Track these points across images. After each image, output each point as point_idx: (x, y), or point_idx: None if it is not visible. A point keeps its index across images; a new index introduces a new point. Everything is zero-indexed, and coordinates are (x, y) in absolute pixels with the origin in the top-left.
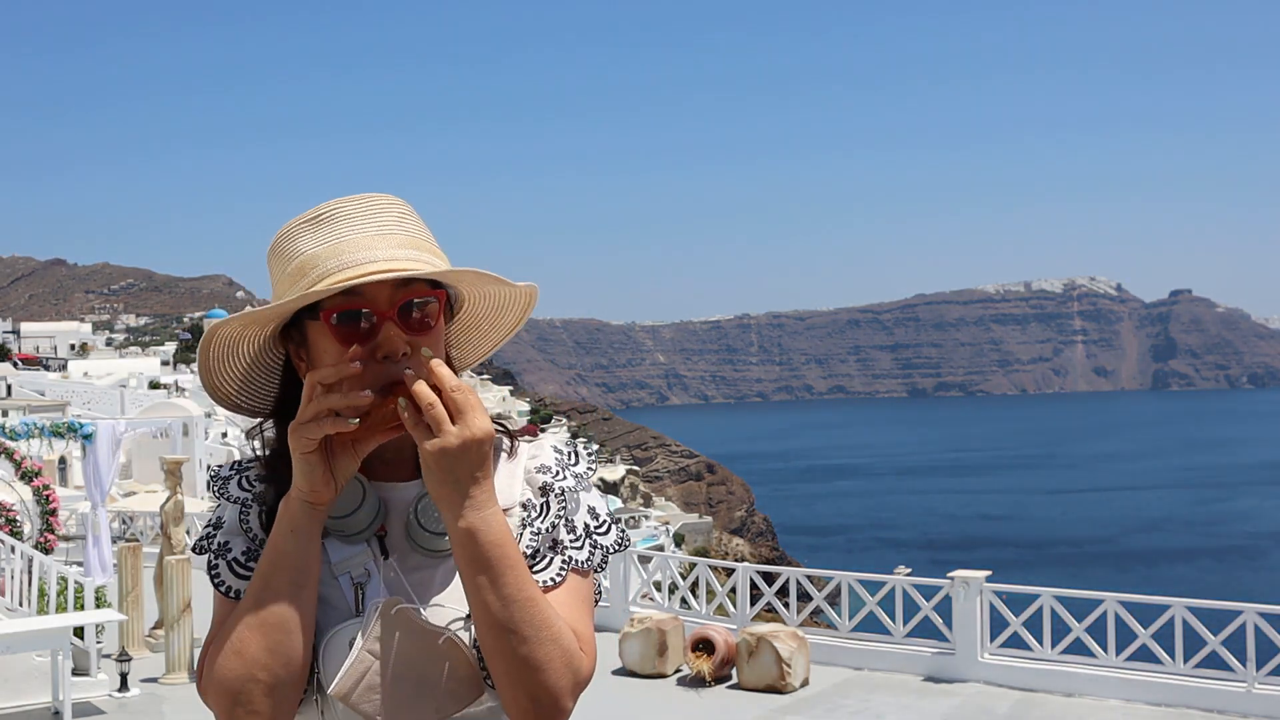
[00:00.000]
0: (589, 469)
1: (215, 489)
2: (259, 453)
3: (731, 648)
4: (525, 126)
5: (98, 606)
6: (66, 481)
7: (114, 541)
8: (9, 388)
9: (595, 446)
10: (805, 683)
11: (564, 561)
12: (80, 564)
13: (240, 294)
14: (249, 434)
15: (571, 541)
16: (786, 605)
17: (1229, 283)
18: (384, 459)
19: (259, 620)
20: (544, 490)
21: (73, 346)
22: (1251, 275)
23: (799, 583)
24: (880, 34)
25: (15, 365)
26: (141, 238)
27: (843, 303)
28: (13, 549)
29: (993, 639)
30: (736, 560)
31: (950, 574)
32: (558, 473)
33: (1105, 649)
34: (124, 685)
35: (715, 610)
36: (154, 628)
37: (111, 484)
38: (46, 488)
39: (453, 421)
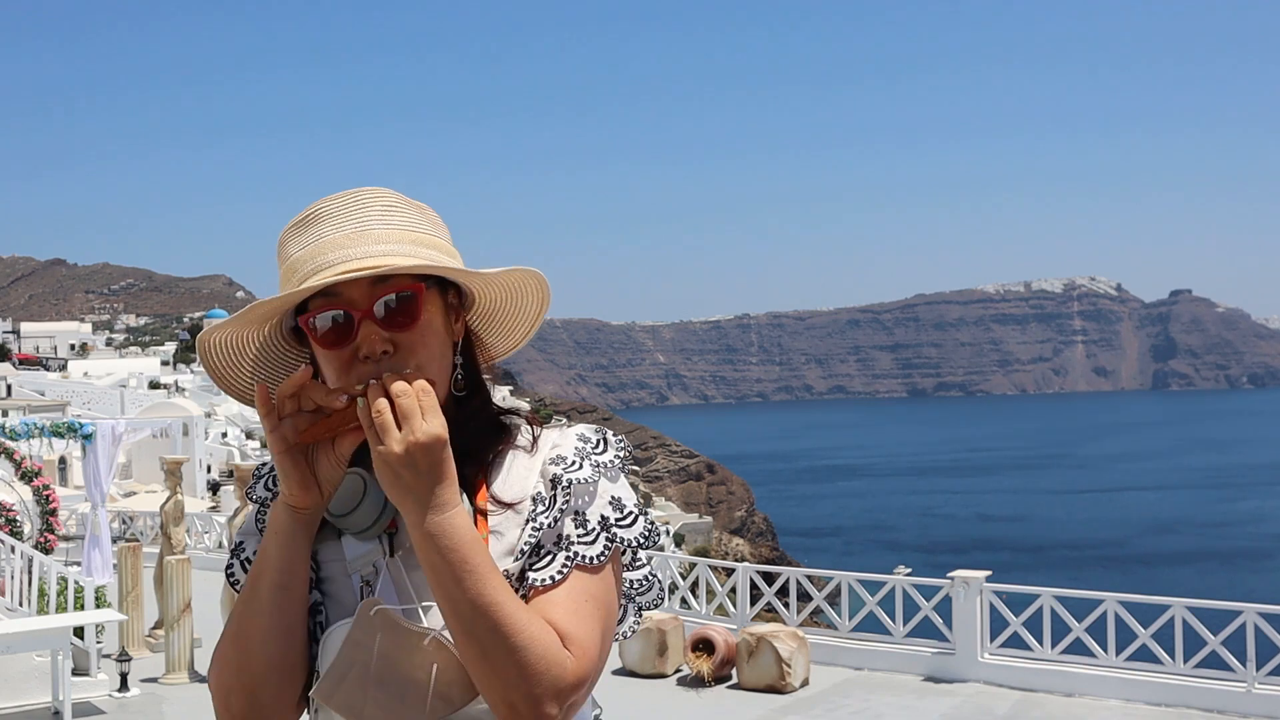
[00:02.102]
0: (617, 456)
1: (245, 491)
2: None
3: (731, 648)
4: (524, 125)
5: (98, 606)
6: (66, 481)
7: (114, 541)
8: (9, 388)
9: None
10: (805, 683)
11: (568, 558)
12: (80, 564)
13: (240, 294)
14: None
15: (580, 537)
16: (786, 605)
17: (1229, 283)
18: None
19: (237, 628)
20: (554, 482)
21: (73, 346)
22: (1251, 275)
23: (799, 583)
24: (881, 34)
25: (15, 365)
26: (141, 238)
27: (843, 303)
28: (13, 549)
29: (993, 639)
30: (736, 560)
31: (950, 574)
32: (574, 462)
33: (1105, 649)
34: (124, 685)
35: (715, 610)
36: (154, 628)
37: (111, 484)
38: (46, 488)
39: (397, 428)
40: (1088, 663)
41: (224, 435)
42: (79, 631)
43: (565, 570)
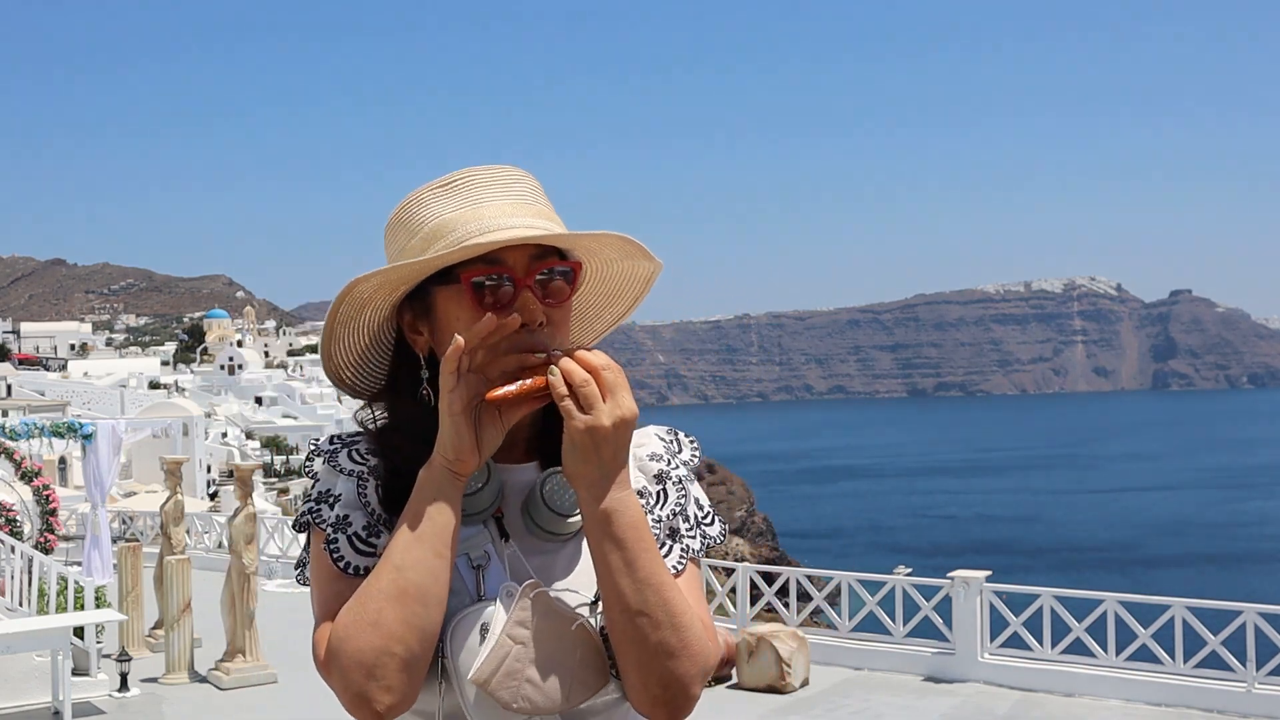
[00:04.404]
0: (693, 457)
1: (321, 460)
2: (368, 426)
3: (731, 648)
4: (521, 123)
5: (98, 606)
6: (66, 481)
7: (114, 541)
8: (9, 388)
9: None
10: (805, 683)
11: (683, 550)
12: (80, 564)
13: (240, 294)
14: (361, 411)
15: (687, 531)
16: (786, 605)
17: (1229, 283)
18: None
19: (398, 591)
20: (660, 478)
21: (73, 346)
22: (1251, 275)
23: (799, 583)
24: (881, 31)
25: (15, 365)
26: (141, 238)
27: (843, 303)
28: (13, 549)
29: (993, 639)
30: (736, 560)
31: (950, 574)
32: (669, 460)
33: (1105, 649)
34: (124, 685)
35: (715, 610)
36: (154, 628)
37: (111, 484)
38: (46, 488)
39: (603, 400)
40: (1088, 663)
41: (224, 435)
42: (79, 631)
43: (683, 561)
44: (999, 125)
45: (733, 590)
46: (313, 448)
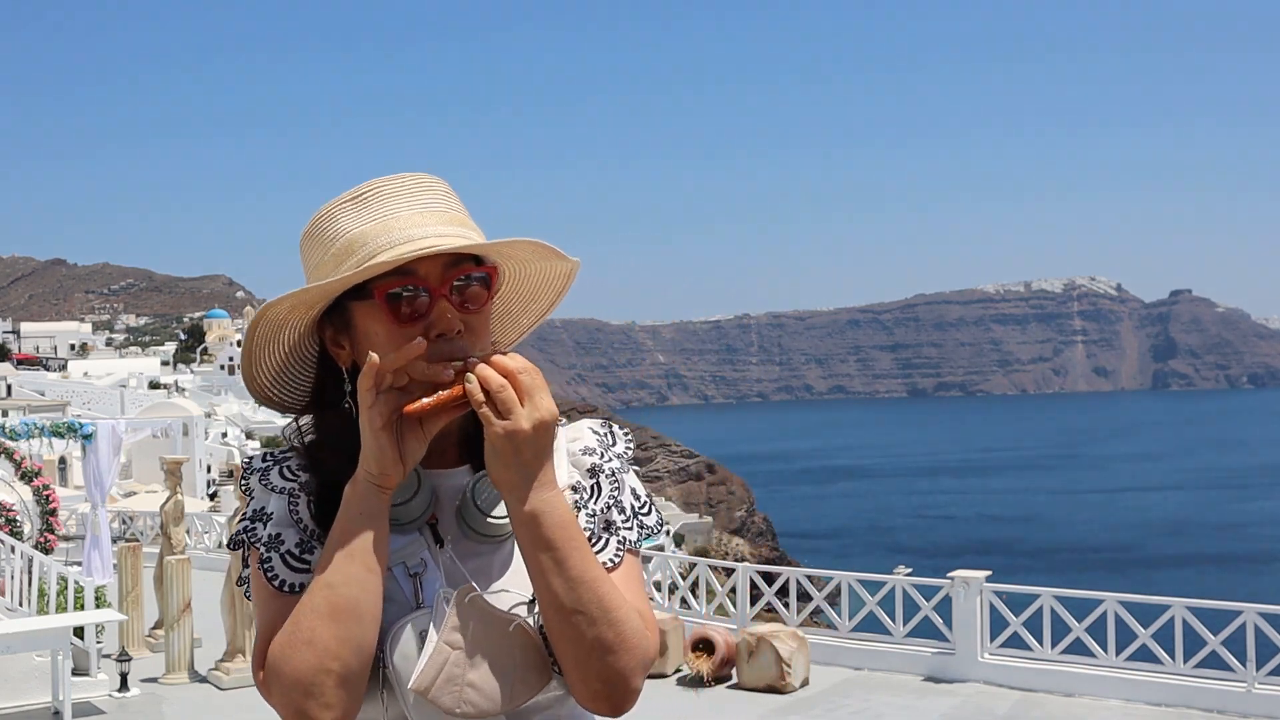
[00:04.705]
0: (627, 448)
1: (254, 478)
2: (295, 443)
3: (731, 648)
4: (521, 123)
5: (98, 606)
6: (66, 481)
7: (114, 541)
8: (9, 388)
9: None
10: (805, 683)
11: (619, 542)
12: (80, 564)
13: (240, 294)
14: (289, 426)
15: (623, 522)
16: (786, 605)
17: (1229, 283)
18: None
19: (330, 608)
20: (593, 472)
21: (73, 346)
22: (1251, 275)
23: (799, 583)
24: (880, 32)
25: (15, 365)
26: (141, 238)
27: (843, 303)
28: (13, 549)
29: (993, 639)
30: (736, 560)
31: (950, 574)
32: (602, 454)
33: (1105, 649)
34: (124, 685)
35: (715, 610)
36: (154, 628)
37: (111, 484)
38: (46, 488)
39: (520, 404)
40: (1088, 663)
41: (224, 435)
42: (79, 631)
43: (620, 554)
44: (999, 125)
45: (733, 590)
46: (245, 465)
